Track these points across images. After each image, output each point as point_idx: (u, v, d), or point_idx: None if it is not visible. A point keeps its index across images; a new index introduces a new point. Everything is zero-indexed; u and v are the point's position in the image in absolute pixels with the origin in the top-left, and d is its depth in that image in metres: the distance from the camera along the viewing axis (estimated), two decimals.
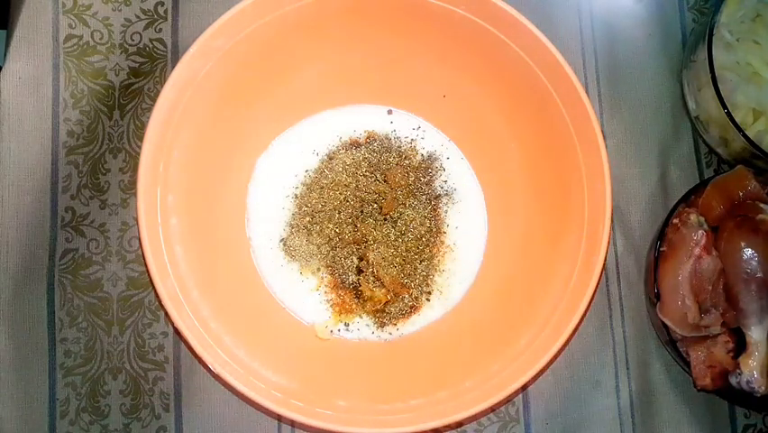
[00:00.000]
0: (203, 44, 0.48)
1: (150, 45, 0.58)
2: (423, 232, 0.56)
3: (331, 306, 0.55)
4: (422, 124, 0.58)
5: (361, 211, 0.56)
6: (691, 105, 0.58)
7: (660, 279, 0.51)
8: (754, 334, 0.50)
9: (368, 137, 0.58)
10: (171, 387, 0.54)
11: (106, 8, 0.58)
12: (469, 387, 0.50)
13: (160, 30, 0.58)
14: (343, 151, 0.57)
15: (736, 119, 0.51)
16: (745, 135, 0.51)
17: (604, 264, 0.49)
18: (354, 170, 0.56)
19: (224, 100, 0.52)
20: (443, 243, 0.56)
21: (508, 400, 0.55)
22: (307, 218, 0.56)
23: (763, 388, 0.49)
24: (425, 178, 0.57)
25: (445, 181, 0.57)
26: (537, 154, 0.54)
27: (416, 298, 0.55)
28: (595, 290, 0.49)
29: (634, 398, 0.56)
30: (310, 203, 0.56)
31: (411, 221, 0.56)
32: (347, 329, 0.55)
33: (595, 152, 0.49)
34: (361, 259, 0.55)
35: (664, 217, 0.53)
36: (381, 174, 0.56)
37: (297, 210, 0.56)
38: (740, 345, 0.51)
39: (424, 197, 0.56)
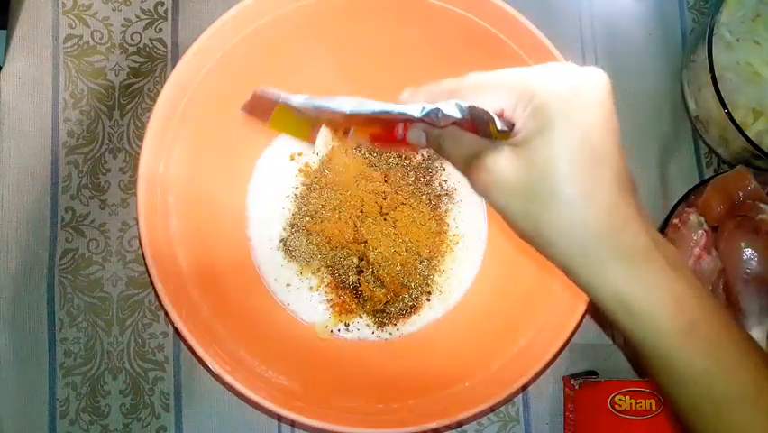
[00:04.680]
0: (203, 44, 0.48)
1: (150, 45, 0.58)
2: (423, 232, 0.56)
3: (331, 306, 0.55)
4: None
5: (361, 211, 0.56)
6: (691, 105, 0.58)
7: None
8: (754, 334, 0.50)
9: None
10: (171, 387, 0.54)
11: (106, 8, 0.58)
12: (469, 387, 0.50)
13: (160, 30, 0.58)
14: (343, 151, 0.57)
15: (736, 119, 0.51)
16: (745, 135, 0.51)
17: None
18: (354, 170, 0.56)
19: (225, 100, 0.52)
20: (443, 243, 0.56)
21: (508, 400, 0.55)
22: (307, 218, 0.56)
23: None
24: (425, 178, 0.57)
25: (445, 181, 0.57)
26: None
27: (416, 298, 0.55)
28: None
29: None
30: (310, 203, 0.56)
31: (411, 221, 0.56)
32: (347, 329, 0.55)
33: None
34: (361, 259, 0.55)
35: (664, 217, 0.53)
36: (381, 174, 0.56)
37: (296, 210, 0.56)
38: None
39: (424, 197, 0.57)
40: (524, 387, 0.55)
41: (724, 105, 0.51)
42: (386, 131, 0.36)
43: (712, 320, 0.31)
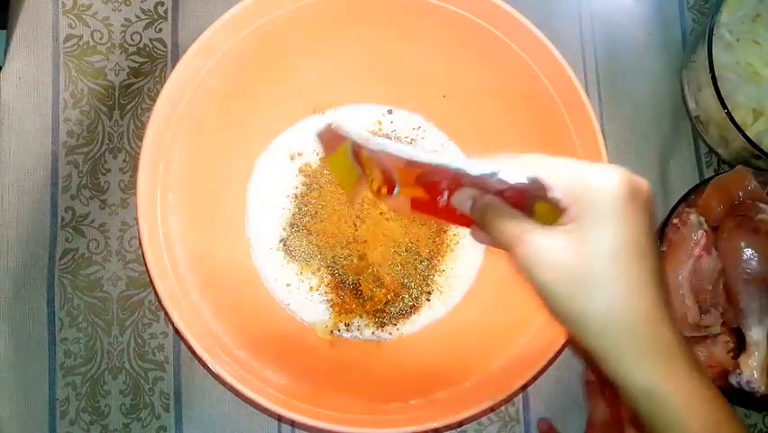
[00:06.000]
0: (203, 44, 0.48)
1: (150, 45, 0.58)
2: (423, 232, 0.56)
3: (331, 306, 0.55)
4: (422, 123, 0.58)
5: (361, 211, 0.56)
6: (691, 105, 0.58)
7: None
8: (754, 334, 0.50)
9: None
10: (171, 387, 0.54)
11: (106, 8, 0.58)
12: (469, 387, 0.50)
13: (160, 30, 0.58)
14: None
15: (736, 119, 0.51)
16: (745, 135, 0.51)
17: None
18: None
19: (224, 100, 0.52)
20: (443, 243, 0.56)
21: (508, 400, 0.55)
22: (307, 218, 0.56)
23: (762, 388, 0.49)
24: None
25: None
26: (537, 153, 0.54)
27: (416, 298, 0.55)
28: None
29: None
30: (310, 203, 0.56)
31: (411, 221, 0.56)
32: (347, 329, 0.55)
33: (595, 153, 0.49)
34: (361, 259, 0.55)
35: (664, 217, 0.53)
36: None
37: (297, 210, 0.56)
38: (740, 345, 0.51)
39: None
40: (524, 387, 0.55)
41: (724, 105, 0.51)
42: (430, 197, 0.35)
43: (731, 422, 0.32)
